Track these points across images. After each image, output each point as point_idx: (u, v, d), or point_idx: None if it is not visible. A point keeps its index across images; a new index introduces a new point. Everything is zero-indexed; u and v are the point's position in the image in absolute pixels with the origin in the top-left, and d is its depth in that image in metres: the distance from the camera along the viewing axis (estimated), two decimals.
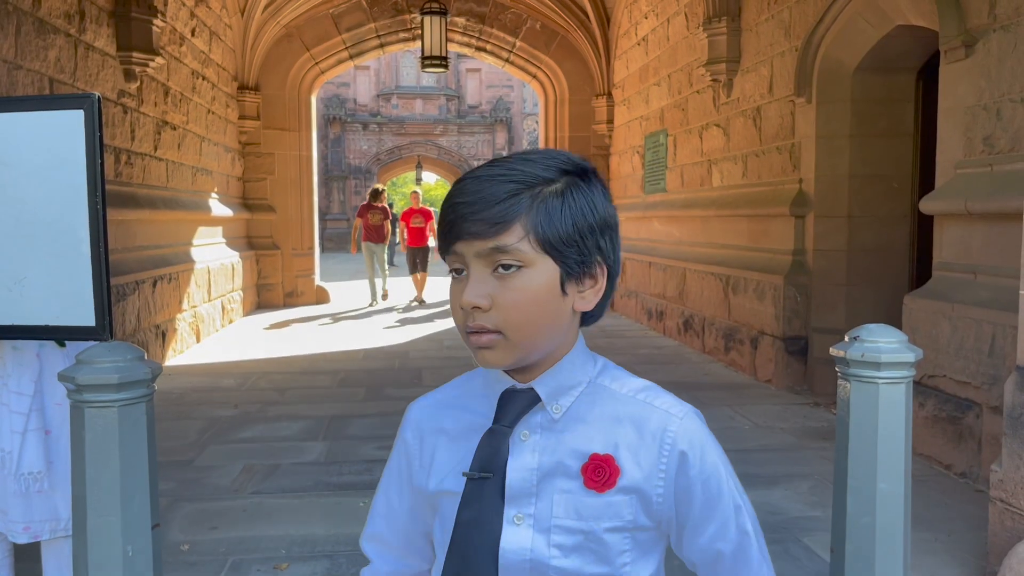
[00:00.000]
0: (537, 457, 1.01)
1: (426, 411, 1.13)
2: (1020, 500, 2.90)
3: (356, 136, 35.13)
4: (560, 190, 0.98)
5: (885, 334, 2.35)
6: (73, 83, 6.29)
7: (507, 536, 0.99)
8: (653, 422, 1.02)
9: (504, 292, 0.95)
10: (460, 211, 0.96)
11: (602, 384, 1.05)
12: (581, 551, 0.99)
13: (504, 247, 0.94)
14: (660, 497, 1.00)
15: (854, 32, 6.08)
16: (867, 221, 6.38)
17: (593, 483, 0.99)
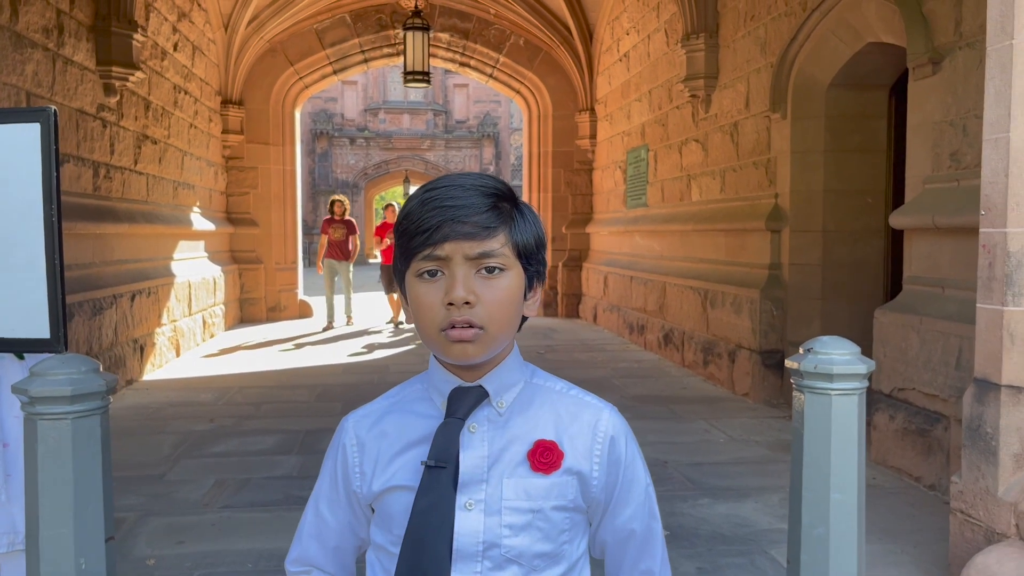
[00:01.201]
0: (487, 446, 1.10)
1: (364, 420, 1.18)
2: (979, 511, 2.93)
3: (343, 151, 35.16)
4: (518, 207, 1.11)
5: (838, 346, 2.38)
6: (51, 96, 6.30)
7: (460, 521, 1.06)
8: (586, 414, 1.15)
9: (489, 291, 1.05)
10: (451, 214, 1.03)
11: (536, 383, 1.16)
12: (529, 530, 1.08)
13: (492, 251, 1.05)
14: (596, 480, 1.12)
15: (827, 49, 6.15)
16: (842, 236, 6.44)
17: (540, 466, 1.09)
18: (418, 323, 1.08)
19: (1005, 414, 2.82)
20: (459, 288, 1.03)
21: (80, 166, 6.86)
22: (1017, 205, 2.77)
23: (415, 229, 1.05)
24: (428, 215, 1.04)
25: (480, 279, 1.05)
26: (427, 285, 1.05)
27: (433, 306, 1.05)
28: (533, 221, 1.12)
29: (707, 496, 4.40)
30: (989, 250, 2.89)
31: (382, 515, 1.13)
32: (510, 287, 1.07)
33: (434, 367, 1.14)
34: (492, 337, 1.06)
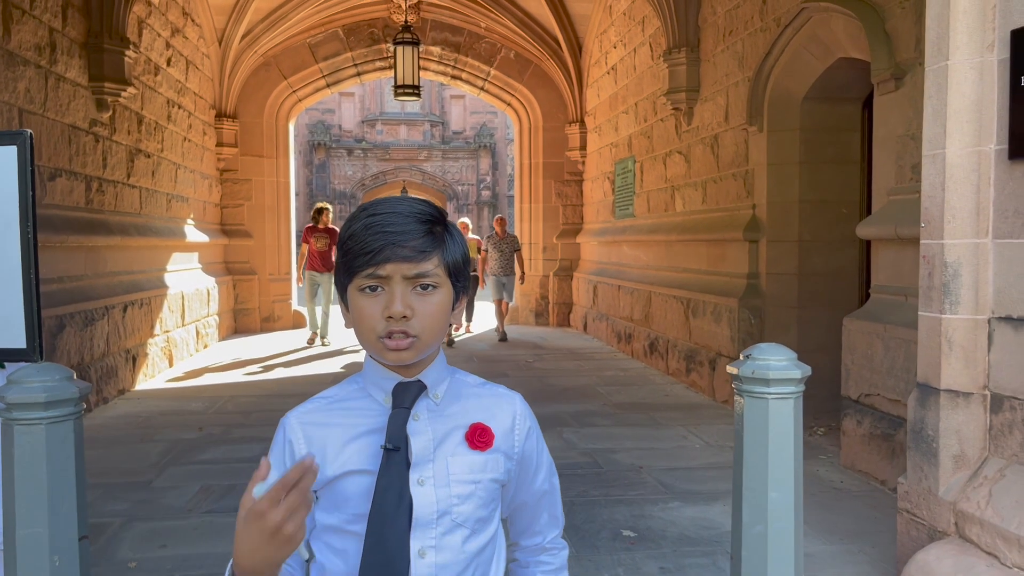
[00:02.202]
0: (430, 431, 1.28)
1: (308, 416, 1.33)
2: (922, 511, 3.05)
3: (341, 162, 35.32)
4: (449, 231, 1.28)
5: (775, 353, 2.51)
6: (43, 113, 6.45)
7: (417, 496, 1.24)
8: (504, 402, 1.37)
9: (423, 305, 1.22)
10: (391, 239, 1.20)
11: (459, 379, 1.37)
12: (472, 498, 1.28)
13: (427, 272, 1.22)
14: (516, 455, 1.35)
15: (800, 64, 6.30)
16: (817, 245, 6.58)
17: (478, 444, 1.30)
18: (359, 330, 1.24)
19: (944, 417, 2.95)
20: (398, 304, 1.19)
21: (72, 180, 7.00)
22: (953, 218, 2.90)
23: (359, 250, 1.21)
24: (371, 239, 1.20)
25: (415, 295, 1.21)
26: (368, 299, 1.21)
27: (374, 317, 1.21)
28: (460, 242, 1.30)
29: (677, 500, 4.52)
30: (928, 260, 3.03)
31: (334, 498, 1.27)
32: (441, 302, 1.24)
33: (373, 368, 1.30)
34: (425, 344, 1.23)
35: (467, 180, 35.69)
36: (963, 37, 2.86)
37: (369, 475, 1.24)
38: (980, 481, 2.83)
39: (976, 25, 2.85)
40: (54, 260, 6.47)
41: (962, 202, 2.88)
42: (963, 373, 2.92)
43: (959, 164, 2.89)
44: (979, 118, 2.86)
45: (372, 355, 1.29)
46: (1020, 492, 2.67)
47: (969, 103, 2.87)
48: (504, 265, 11.76)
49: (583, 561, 3.67)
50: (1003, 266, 2.81)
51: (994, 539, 2.67)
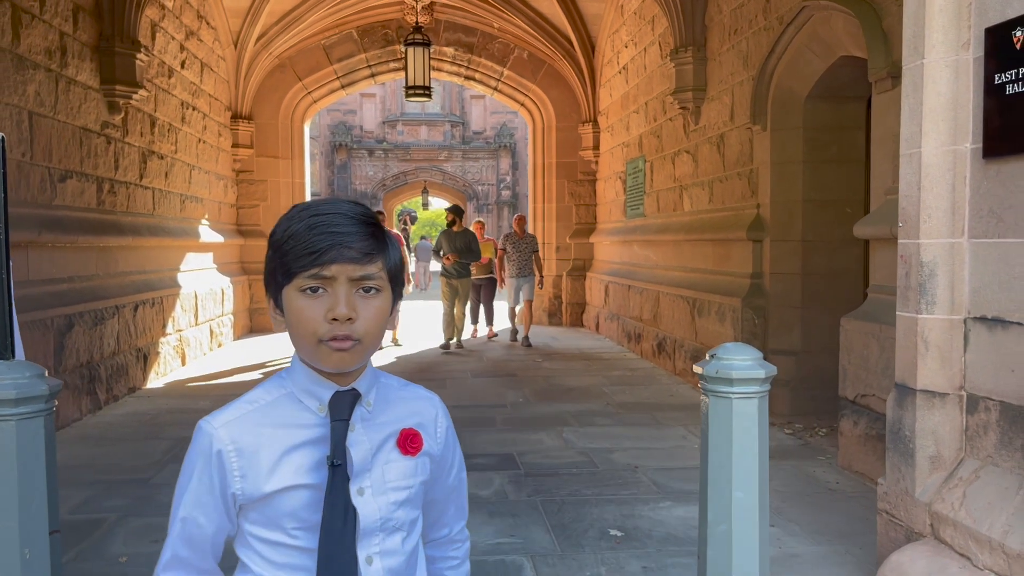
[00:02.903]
0: (367, 440, 1.28)
1: (235, 425, 1.26)
2: (900, 511, 3.03)
3: (362, 162, 35.52)
4: (386, 235, 1.26)
5: (740, 352, 2.51)
6: (54, 116, 6.56)
7: (361, 506, 1.24)
8: (427, 405, 1.39)
9: (366, 309, 1.21)
10: (339, 240, 1.18)
11: (383, 382, 1.36)
12: (407, 503, 1.30)
13: (371, 275, 1.21)
14: (439, 455, 1.38)
15: (802, 62, 6.27)
16: (820, 245, 6.53)
17: (409, 450, 1.31)
18: (296, 332, 1.21)
19: (920, 418, 2.93)
20: (343, 305, 1.18)
21: (83, 181, 7.12)
22: (929, 217, 2.88)
23: (302, 250, 1.18)
24: (317, 238, 1.18)
25: (359, 298, 1.20)
26: (309, 300, 1.19)
27: (314, 319, 1.19)
28: (396, 248, 1.30)
29: (669, 499, 4.52)
30: (906, 260, 3.01)
31: (270, 513, 1.24)
32: (383, 306, 1.23)
33: (304, 373, 1.26)
34: (365, 348, 1.22)
35: (487, 180, 35.76)
36: (939, 35, 2.84)
37: (308, 489, 1.23)
38: (955, 483, 2.81)
39: (952, 23, 2.83)
40: (65, 260, 6.59)
41: (938, 201, 2.87)
42: (939, 373, 2.90)
43: (935, 163, 2.87)
44: (955, 117, 2.84)
45: (307, 360, 1.25)
46: (993, 494, 2.65)
47: (945, 102, 2.85)
48: (522, 266, 11.37)
49: (566, 560, 3.68)
50: (978, 266, 2.79)
51: (967, 541, 2.66)
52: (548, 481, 4.86)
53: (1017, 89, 2.56)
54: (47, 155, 6.45)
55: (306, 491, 1.23)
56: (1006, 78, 2.60)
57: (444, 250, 10.58)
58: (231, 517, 1.28)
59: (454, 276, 10.66)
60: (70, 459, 5.24)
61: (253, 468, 1.23)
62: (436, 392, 1.42)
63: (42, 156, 6.36)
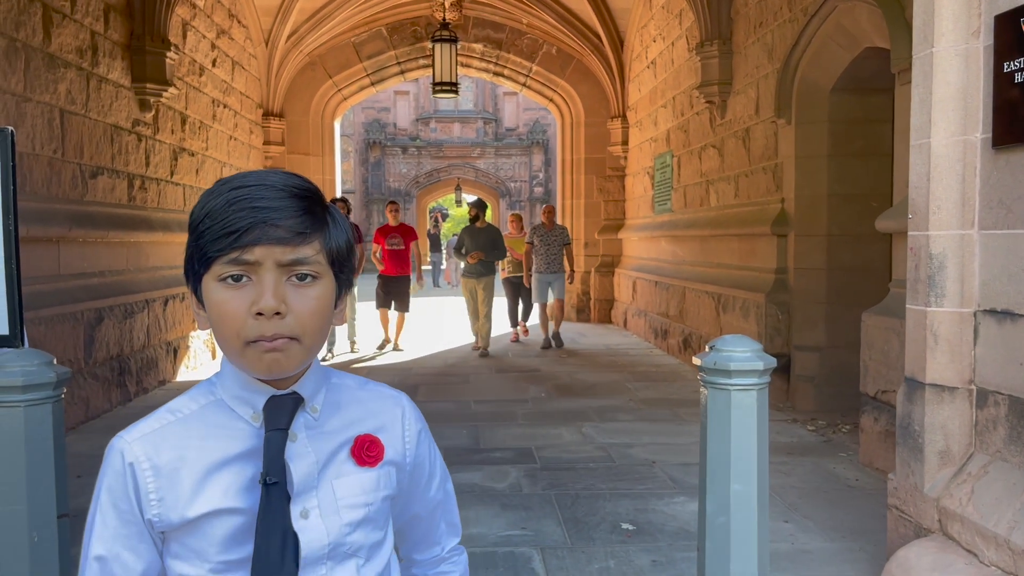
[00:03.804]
0: (312, 453, 1.07)
1: (149, 439, 1.07)
2: (909, 507, 2.99)
3: (396, 160, 35.74)
4: (330, 212, 1.06)
5: (739, 344, 2.50)
6: (85, 114, 6.70)
7: (304, 531, 1.03)
8: (391, 406, 1.17)
9: (301, 300, 0.99)
10: (262, 216, 0.96)
11: (336, 383, 1.15)
12: (365, 523, 1.09)
13: (306, 258, 0.99)
14: (409, 465, 1.17)
15: (827, 55, 6.19)
16: (846, 240, 6.45)
17: (367, 460, 1.10)
18: (218, 332, 1.01)
19: (930, 412, 2.89)
20: (269, 296, 0.97)
21: (114, 178, 7.26)
22: (938, 209, 2.84)
23: (220, 230, 0.97)
24: (236, 216, 0.97)
25: (291, 287, 0.99)
26: (230, 291, 0.98)
27: (237, 314, 0.98)
28: (344, 227, 1.07)
29: (684, 495, 4.49)
30: (915, 253, 2.97)
31: (193, 543, 1.03)
32: (322, 296, 1.02)
33: (233, 376, 1.07)
34: (305, 348, 1.01)
35: (520, 177, 35.76)
36: (948, 24, 2.79)
37: (240, 514, 1.02)
38: (964, 478, 2.77)
39: (962, 11, 2.78)
40: (95, 255, 6.73)
41: (947, 193, 2.82)
42: (948, 367, 2.85)
43: (944, 154, 2.82)
44: (965, 106, 2.79)
45: (237, 366, 1.04)
46: (1001, 489, 2.61)
47: (955, 91, 2.80)
48: (550, 261, 10.36)
49: (576, 552, 3.69)
50: (988, 258, 2.74)
51: (973, 537, 2.62)
52: (564, 475, 4.86)
53: None
54: (78, 152, 6.59)
55: (236, 516, 1.03)
56: (1015, 66, 2.55)
57: (467, 248, 9.76)
58: (158, 549, 1.06)
59: (476, 275, 9.82)
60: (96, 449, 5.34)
61: (172, 489, 1.03)
62: (459, 389, 1.19)
63: (73, 153, 6.50)
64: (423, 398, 7.07)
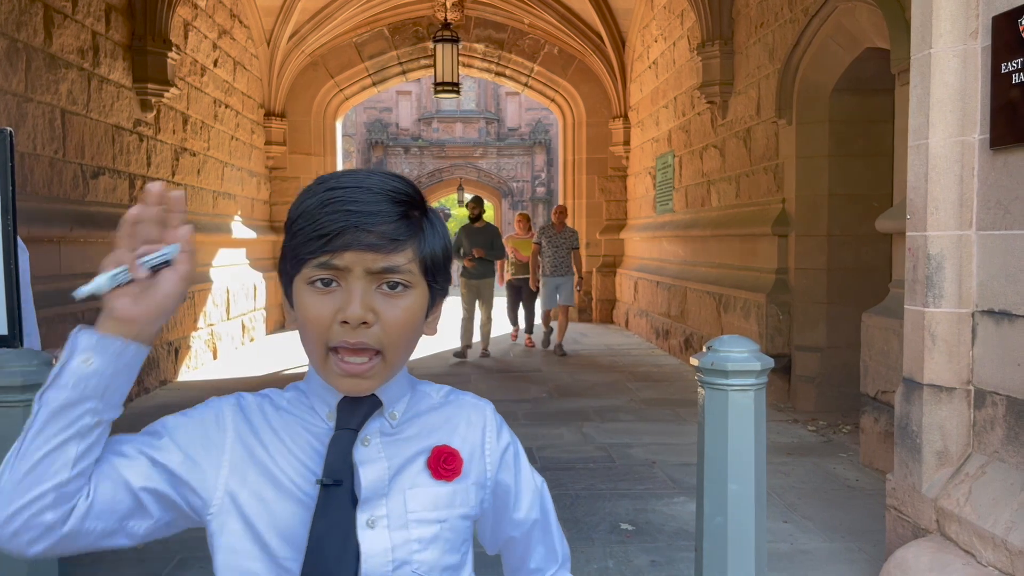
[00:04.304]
0: (385, 459, 1.01)
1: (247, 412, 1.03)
2: (908, 508, 2.99)
3: (398, 159, 35.75)
4: (427, 216, 1.00)
5: (737, 344, 2.50)
6: (86, 114, 6.71)
7: (366, 541, 0.97)
8: (474, 416, 1.10)
9: (390, 310, 0.95)
10: (354, 220, 0.93)
11: (420, 391, 1.10)
12: (437, 542, 1.01)
13: (397, 267, 0.94)
14: (489, 482, 1.08)
15: (827, 55, 6.19)
16: (847, 240, 6.45)
17: (443, 473, 1.03)
18: (303, 336, 0.98)
19: (928, 412, 2.89)
20: (356, 305, 0.93)
21: (116, 178, 7.27)
22: (936, 209, 2.84)
23: (311, 231, 0.94)
24: (329, 218, 0.93)
25: (380, 295, 0.95)
26: (318, 295, 0.95)
27: (322, 319, 0.94)
28: (443, 233, 1.02)
29: (684, 495, 4.49)
30: (913, 253, 2.97)
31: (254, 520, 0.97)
32: (412, 307, 0.97)
33: (315, 377, 1.03)
34: (389, 364, 0.97)
35: (522, 177, 35.75)
36: (946, 24, 2.79)
37: (306, 508, 0.97)
38: (961, 478, 2.77)
39: (959, 12, 2.78)
40: (97, 255, 6.74)
41: (945, 193, 2.82)
42: (946, 368, 2.85)
43: (942, 154, 2.82)
44: (963, 107, 2.79)
45: (319, 374, 1.00)
46: (998, 490, 2.61)
47: (953, 92, 2.80)
48: (557, 264, 9.87)
49: (575, 552, 3.69)
50: (986, 258, 2.74)
51: (971, 537, 2.62)
52: (564, 475, 4.86)
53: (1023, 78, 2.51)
54: (79, 152, 6.60)
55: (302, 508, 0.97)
56: (1013, 67, 2.55)
57: (464, 248, 9.41)
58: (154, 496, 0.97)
59: (475, 277, 9.47)
60: None
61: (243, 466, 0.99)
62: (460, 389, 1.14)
63: (75, 153, 6.51)
64: None
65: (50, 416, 0.89)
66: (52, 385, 0.90)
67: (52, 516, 0.89)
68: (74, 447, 0.89)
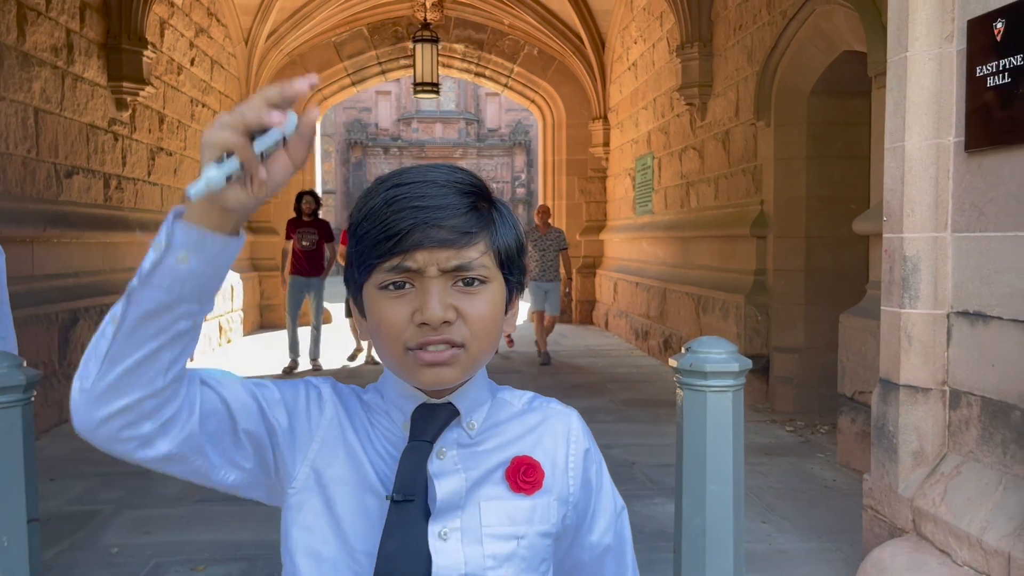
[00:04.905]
0: (462, 471, 0.96)
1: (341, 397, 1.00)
2: (884, 507, 3.01)
3: (377, 160, 35.65)
4: (496, 207, 0.96)
5: (715, 346, 2.51)
6: (60, 112, 6.63)
7: (438, 553, 0.92)
8: (558, 425, 1.03)
9: (471, 305, 0.90)
10: (423, 216, 0.88)
11: (502, 398, 1.04)
12: (513, 559, 0.95)
13: (472, 262, 0.90)
14: (572, 497, 1.01)
15: (805, 57, 6.23)
16: (825, 242, 6.49)
17: (523, 486, 0.97)
18: (378, 342, 0.93)
19: (904, 413, 2.91)
20: (434, 305, 0.88)
21: (90, 178, 7.19)
22: (912, 211, 2.86)
23: (379, 233, 0.89)
24: (396, 217, 0.89)
25: (457, 292, 0.90)
26: (392, 299, 0.90)
27: (399, 323, 0.90)
28: (513, 223, 0.97)
29: (663, 496, 4.50)
30: (890, 255, 2.99)
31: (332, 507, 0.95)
32: (492, 300, 0.93)
33: (393, 383, 0.98)
34: (472, 358, 0.92)
35: (502, 178, 35.78)
36: (922, 28, 2.82)
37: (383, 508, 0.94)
38: (937, 478, 2.79)
39: (935, 16, 2.80)
40: (70, 255, 6.66)
41: (921, 195, 2.84)
42: (922, 369, 2.88)
43: (918, 157, 2.85)
44: (938, 110, 2.81)
45: (401, 377, 0.96)
46: (973, 489, 2.63)
47: (928, 95, 2.82)
48: (545, 268, 9.29)
49: None
50: (961, 260, 2.76)
51: (947, 536, 2.64)
52: None
53: (998, 81, 2.53)
54: (53, 151, 6.52)
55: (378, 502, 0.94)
56: (988, 70, 2.57)
57: None
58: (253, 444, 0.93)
59: None
60: (70, 452, 5.30)
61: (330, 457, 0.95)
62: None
63: (48, 152, 6.43)
64: None
65: (142, 318, 0.80)
66: (145, 283, 0.81)
67: (150, 427, 0.83)
68: (168, 352, 0.81)
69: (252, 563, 3.58)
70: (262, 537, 3.88)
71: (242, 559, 3.63)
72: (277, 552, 1.64)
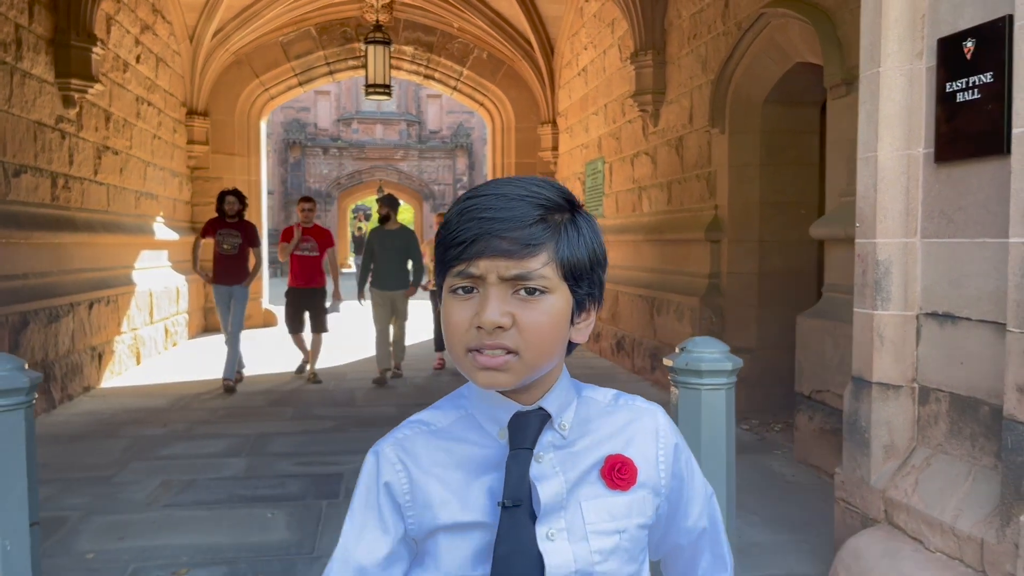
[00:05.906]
0: (560, 473, 1.02)
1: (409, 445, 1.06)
2: (856, 499, 3.17)
3: (316, 160, 35.24)
4: (573, 220, 1.00)
5: (709, 346, 2.62)
6: (8, 109, 6.44)
7: (549, 554, 0.99)
8: (645, 421, 1.09)
9: (527, 314, 0.95)
10: (487, 227, 0.95)
11: (586, 396, 1.09)
12: (617, 552, 1.02)
13: (531, 272, 0.94)
14: (664, 488, 1.07)
15: (760, 68, 6.44)
16: (777, 246, 6.72)
17: (618, 483, 1.03)
18: (447, 341, 1.00)
19: (876, 409, 3.07)
20: (491, 310, 0.94)
21: (38, 176, 7.00)
22: (884, 218, 3.02)
23: (451, 241, 0.97)
24: (464, 227, 0.96)
25: (517, 300, 0.95)
26: (458, 302, 0.97)
27: (461, 324, 0.96)
28: (591, 236, 1.01)
29: None
30: (863, 259, 3.15)
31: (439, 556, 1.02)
32: (552, 311, 0.96)
33: (480, 391, 1.04)
34: (527, 365, 0.96)
35: (444, 180, 35.73)
36: (894, 45, 2.98)
37: (488, 530, 1.00)
38: (908, 470, 2.95)
39: (906, 34, 2.97)
40: (19, 256, 6.47)
41: (893, 203, 3.01)
42: (893, 367, 3.04)
43: (890, 167, 3.01)
44: (908, 123, 2.98)
45: (464, 374, 1.01)
46: (943, 480, 2.79)
47: (899, 108, 2.99)
48: None
49: None
50: (930, 264, 2.93)
51: (919, 525, 2.79)
52: None
53: (967, 97, 2.70)
54: (1, 149, 6.33)
55: (483, 531, 1.00)
56: (957, 86, 2.74)
57: (378, 255, 8.14)
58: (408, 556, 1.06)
59: (390, 287, 8.19)
60: None
61: (421, 499, 1.02)
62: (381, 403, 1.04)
63: None
64: (363, 405, 7.04)
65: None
66: None
67: None
68: None
69: (234, 566, 3.57)
70: (239, 540, 3.87)
71: (223, 562, 3.61)
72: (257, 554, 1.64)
